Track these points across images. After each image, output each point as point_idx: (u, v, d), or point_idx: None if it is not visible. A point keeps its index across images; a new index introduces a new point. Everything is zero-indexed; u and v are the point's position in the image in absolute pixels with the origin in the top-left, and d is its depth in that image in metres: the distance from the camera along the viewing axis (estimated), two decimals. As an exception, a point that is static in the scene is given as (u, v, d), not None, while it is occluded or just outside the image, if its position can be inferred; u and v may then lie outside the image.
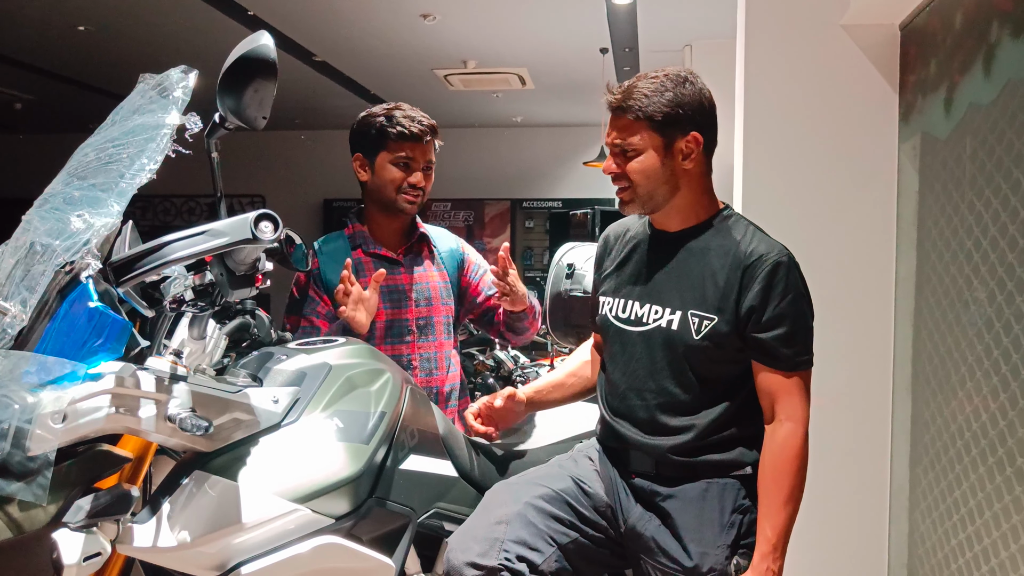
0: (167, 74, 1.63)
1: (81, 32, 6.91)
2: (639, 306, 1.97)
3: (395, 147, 2.50)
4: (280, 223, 1.56)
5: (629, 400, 1.98)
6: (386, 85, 8.64)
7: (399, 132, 2.49)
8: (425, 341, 2.58)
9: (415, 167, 2.53)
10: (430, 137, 2.53)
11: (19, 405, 1.44)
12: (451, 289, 2.67)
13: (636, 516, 1.95)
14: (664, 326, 1.92)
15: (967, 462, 2.30)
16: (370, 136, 2.53)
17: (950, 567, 2.39)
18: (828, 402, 2.93)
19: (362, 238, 2.60)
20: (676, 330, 1.91)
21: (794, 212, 2.94)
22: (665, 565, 1.90)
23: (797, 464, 1.87)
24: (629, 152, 1.92)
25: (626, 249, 2.07)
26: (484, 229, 11.31)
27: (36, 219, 1.59)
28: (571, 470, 2.03)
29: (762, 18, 2.98)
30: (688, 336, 1.89)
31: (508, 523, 1.88)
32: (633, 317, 1.98)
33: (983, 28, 2.32)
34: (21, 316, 1.52)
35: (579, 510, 1.95)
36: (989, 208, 2.22)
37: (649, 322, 1.95)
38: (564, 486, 1.98)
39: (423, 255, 2.65)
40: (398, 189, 2.52)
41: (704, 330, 1.88)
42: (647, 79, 1.92)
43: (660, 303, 1.94)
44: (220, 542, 1.62)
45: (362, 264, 2.55)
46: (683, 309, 1.91)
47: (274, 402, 1.75)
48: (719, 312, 1.88)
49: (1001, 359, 2.13)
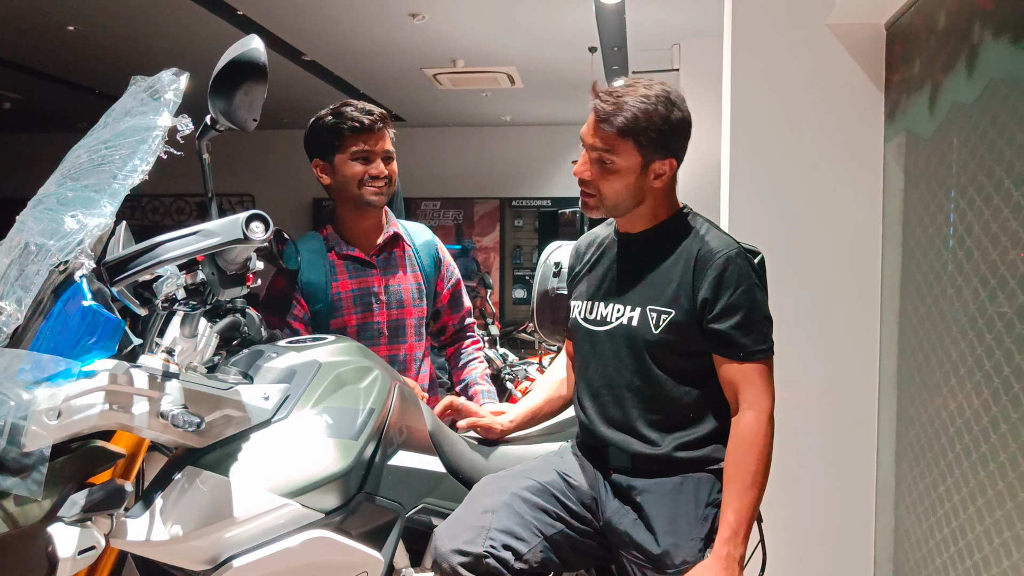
0: (158, 76, 1.64)
1: (70, 32, 6.90)
2: (603, 306, 2.03)
3: (350, 142, 2.49)
4: (271, 223, 1.57)
5: (601, 398, 2.03)
6: (375, 84, 8.64)
7: (351, 126, 2.48)
8: (395, 344, 2.60)
9: (373, 158, 2.51)
10: (381, 125, 2.51)
11: (14, 402, 1.45)
12: (424, 290, 2.67)
13: (612, 510, 1.98)
14: (625, 323, 1.98)
15: (952, 458, 2.33)
16: (323, 138, 2.52)
17: (935, 561, 2.42)
18: (814, 399, 2.96)
19: (334, 239, 2.59)
20: (636, 326, 1.96)
21: (780, 210, 2.96)
22: (636, 557, 1.94)
23: (759, 450, 1.88)
24: (607, 164, 1.95)
25: (596, 255, 2.13)
26: (473, 228, 11.31)
27: (30, 219, 1.60)
28: (557, 464, 2.08)
29: (748, 17, 3.00)
30: (647, 331, 1.95)
31: (494, 512, 1.92)
32: (599, 318, 2.03)
33: (966, 28, 2.34)
34: (16, 315, 1.53)
35: (564, 502, 1.99)
36: (973, 206, 2.25)
37: (612, 321, 2.00)
38: (550, 479, 2.02)
39: (396, 256, 2.64)
40: (360, 183, 2.51)
41: (662, 324, 1.93)
42: (639, 95, 1.92)
43: (621, 302, 2.00)
44: (212, 536, 1.64)
45: (335, 266, 2.56)
46: (642, 306, 1.97)
47: (264, 399, 1.77)
48: (675, 306, 1.93)
49: (984, 356, 2.16)
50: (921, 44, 2.65)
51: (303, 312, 2.52)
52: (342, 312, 2.54)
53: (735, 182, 3.03)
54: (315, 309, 2.52)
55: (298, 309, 2.51)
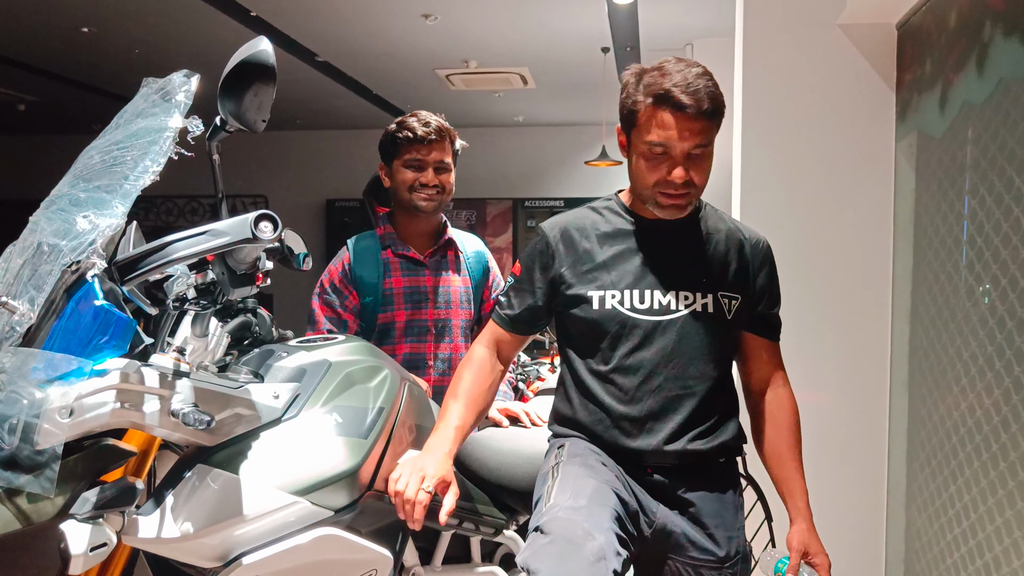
0: (170, 78, 1.65)
1: (84, 34, 6.94)
2: (662, 295, 1.94)
3: (405, 150, 2.67)
4: (279, 223, 1.58)
5: (659, 392, 1.93)
6: (388, 85, 8.66)
7: (406, 136, 2.66)
8: (442, 342, 2.71)
9: (425, 167, 2.68)
10: (435, 138, 2.68)
11: (27, 400, 1.46)
12: (472, 295, 2.80)
13: (663, 515, 1.92)
14: (700, 310, 1.94)
15: (963, 457, 2.32)
16: (387, 144, 2.72)
17: (946, 561, 2.41)
18: (826, 398, 2.96)
19: (391, 239, 2.74)
20: (712, 312, 1.94)
21: (792, 210, 2.96)
22: (697, 559, 1.91)
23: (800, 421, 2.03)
24: (699, 152, 1.88)
25: (610, 242, 1.99)
26: (486, 228, 11.31)
27: (43, 220, 1.61)
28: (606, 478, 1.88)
29: (760, 17, 3.01)
30: (723, 316, 1.95)
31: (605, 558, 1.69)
32: (658, 306, 1.93)
33: (977, 27, 2.34)
34: (29, 314, 1.54)
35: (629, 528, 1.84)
36: (984, 205, 2.24)
37: (681, 308, 1.94)
38: (615, 502, 1.83)
39: (448, 260, 2.78)
40: (410, 188, 2.67)
41: (734, 309, 1.96)
42: (702, 75, 1.87)
43: (688, 288, 1.95)
44: (222, 533, 1.65)
45: (389, 264, 2.71)
46: (712, 292, 1.95)
47: (275, 398, 1.78)
48: (742, 291, 1.98)
49: (995, 355, 2.15)
50: (932, 43, 2.65)
51: (353, 304, 2.67)
52: (392, 307, 2.68)
53: (747, 181, 3.03)
54: (364, 302, 2.68)
55: (350, 300, 2.67)
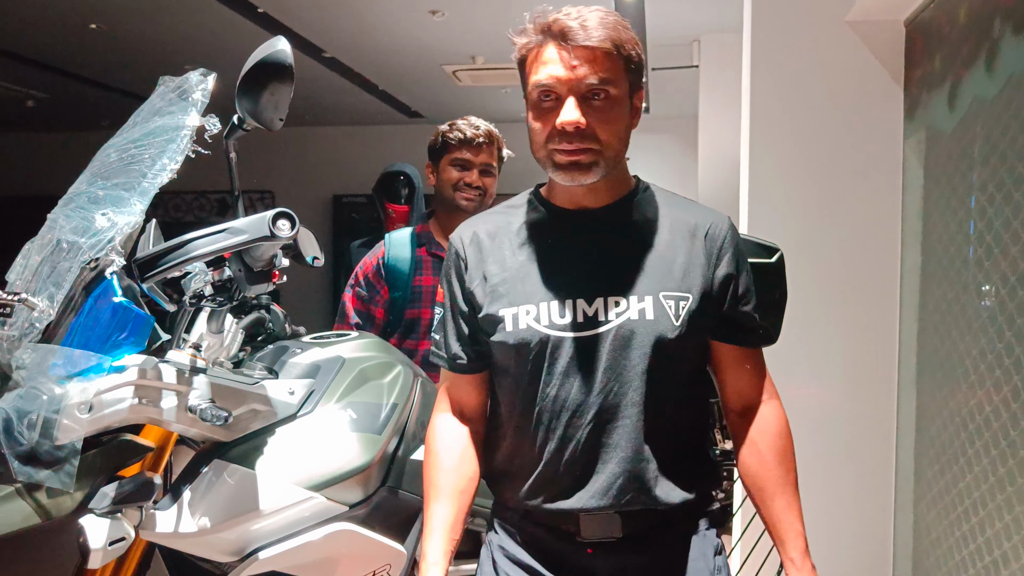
0: (186, 77, 1.67)
1: (94, 30, 6.94)
2: (587, 303, 1.53)
3: (453, 150, 2.80)
4: (297, 221, 1.60)
5: (578, 432, 1.54)
6: (395, 81, 8.64)
7: (455, 137, 2.80)
8: None
9: (470, 167, 2.80)
10: (484, 141, 2.81)
11: (47, 396, 1.48)
12: None
13: None
14: (635, 318, 1.52)
15: (971, 454, 2.33)
16: (436, 145, 2.86)
17: (955, 557, 2.42)
18: (834, 395, 2.97)
19: (427, 237, 2.84)
20: (652, 319, 1.52)
21: (800, 206, 2.97)
22: None
23: (791, 439, 1.63)
24: (601, 97, 1.50)
25: (523, 244, 1.63)
26: (492, 224, 11.30)
27: (61, 217, 1.63)
28: None
29: (768, 14, 3.01)
30: (667, 323, 1.52)
31: None
32: (582, 319, 1.53)
33: (986, 24, 2.34)
34: (48, 311, 1.56)
35: None
36: (992, 202, 2.24)
37: (611, 318, 1.52)
38: None
39: None
40: (455, 187, 2.79)
41: (682, 312, 1.52)
42: (599, 10, 1.54)
43: (619, 292, 1.53)
44: (238, 528, 1.67)
45: (421, 261, 2.80)
46: (652, 293, 1.53)
47: (290, 394, 1.80)
48: (693, 289, 1.55)
49: (1004, 352, 2.16)
50: (941, 40, 2.65)
51: (384, 299, 2.78)
52: (419, 304, 2.76)
53: (754, 179, 3.03)
54: (393, 296, 2.78)
55: (380, 295, 2.78)
